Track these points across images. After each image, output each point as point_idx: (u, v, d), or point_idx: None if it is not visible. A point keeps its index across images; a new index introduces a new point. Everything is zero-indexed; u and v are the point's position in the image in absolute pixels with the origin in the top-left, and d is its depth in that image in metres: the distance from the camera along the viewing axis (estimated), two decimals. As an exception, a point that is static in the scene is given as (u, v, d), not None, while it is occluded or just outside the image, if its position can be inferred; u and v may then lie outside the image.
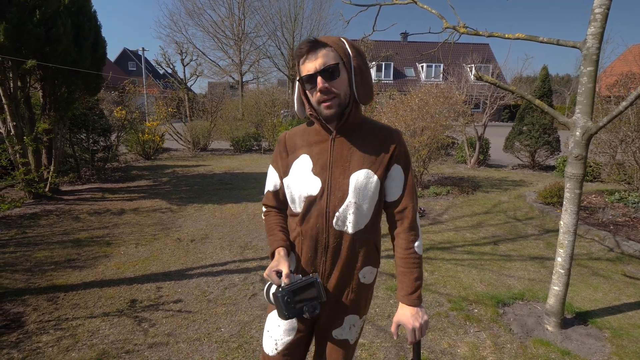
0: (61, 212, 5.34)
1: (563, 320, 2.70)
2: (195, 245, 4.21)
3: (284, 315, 1.14)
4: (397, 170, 1.27)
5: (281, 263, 1.19)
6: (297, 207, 1.28)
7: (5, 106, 5.34)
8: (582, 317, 2.85)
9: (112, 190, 6.77)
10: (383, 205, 1.32)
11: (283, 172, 1.32)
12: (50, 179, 5.98)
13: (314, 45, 1.16)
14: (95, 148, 7.83)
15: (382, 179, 1.25)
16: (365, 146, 1.24)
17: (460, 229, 4.94)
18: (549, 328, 2.69)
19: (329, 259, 1.26)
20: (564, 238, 2.60)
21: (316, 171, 1.24)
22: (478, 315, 2.87)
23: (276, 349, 1.32)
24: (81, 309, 2.86)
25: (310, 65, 1.15)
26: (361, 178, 1.21)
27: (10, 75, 5.32)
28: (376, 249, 1.32)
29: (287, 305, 1.12)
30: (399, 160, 1.27)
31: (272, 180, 1.38)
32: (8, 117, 5.39)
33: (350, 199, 1.21)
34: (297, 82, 1.26)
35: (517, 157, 9.79)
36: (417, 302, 1.22)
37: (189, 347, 2.44)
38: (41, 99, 6.02)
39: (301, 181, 1.25)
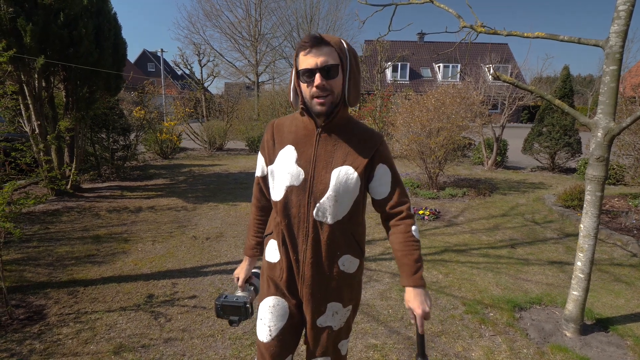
0: (82, 209, 5.49)
1: (582, 326, 2.63)
2: (210, 243, 4.27)
3: (216, 316, 1.50)
4: (382, 169, 1.33)
5: (242, 272, 1.51)
6: (278, 195, 1.33)
7: (30, 105, 5.52)
8: (603, 324, 2.76)
9: (131, 189, 6.92)
10: (376, 204, 1.39)
11: (269, 160, 1.38)
12: (71, 176, 6.15)
13: (318, 42, 1.19)
14: (115, 147, 8.02)
15: (363, 176, 1.30)
16: (349, 144, 1.30)
17: (476, 231, 4.86)
18: (568, 334, 2.62)
19: (309, 247, 1.31)
20: (584, 242, 2.53)
21: (300, 163, 1.29)
22: (493, 319, 2.82)
23: (270, 335, 1.39)
24: (100, 303, 2.94)
25: (311, 60, 1.19)
26: (342, 173, 1.27)
27: (35, 75, 5.50)
28: (355, 241, 1.37)
29: (218, 312, 1.47)
30: (382, 161, 1.33)
31: (260, 166, 1.46)
32: (33, 116, 5.57)
33: (331, 192, 1.26)
34: (292, 73, 1.29)
35: (536, 159, 9.57)
36: (421, 283, 1.27)
37: (203, 343, 2.47)
38: (64, 99, 6.21)
39: (285, 171, 1.30)
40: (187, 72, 18.88)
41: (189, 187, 7.16)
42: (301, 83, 1.24)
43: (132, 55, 44.94)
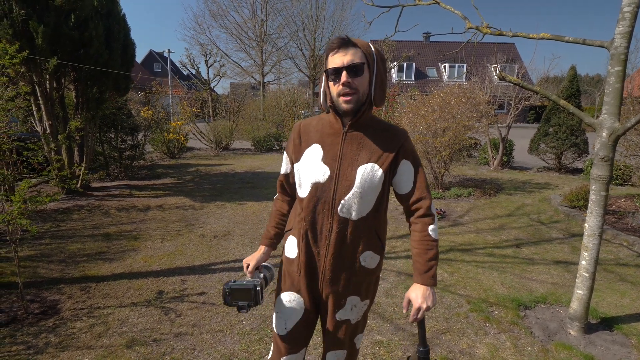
0: (92, 207, 5.59)
1: (587, 325, 2.65)
2: (218, 242, 4.33)
3: (223, 303, 1.40)
4: (406, 166, 1.36)
5: (253, 259, 1.48)
6: (304, 192, 1.37)
7: (42, 106, 5.63)
8: (608, 323, 2.78)
9: (139, 188, 7.01)
10: (398, 198, 1.42)
11: (295, 158, 1.42)
12: (81, 175, 6.26)
13: (346, 43, 1.25)
14: (123, 146, 8.12)
15: (388, 173, 1.33)
16: (374, 142, 1.33)
17: (482, 231, 4.87)
18: (572, 332, 2.64)
19: (332, 242, 1.34)
20: (588, 241, 2.55)
21: (326, 161, 1.33)
22: (498, 317, 2.85)
23: (286, 329, 1.45)
24: (111, 299, 3.01)
25: (338, 60, 1.24)
26: (367, 170, 1.30)
27: (47, 76, 5.60)
28: (377, 237, 1.39)
29: (225, 298, 1.36)
30: (406, 156, 1.35)
31: (284, 165, 1.50)
32: (44, 116, 5.68)
33: (356, 189, 1.29)
34: (322, 77, 1.35)
35: (543, 160, 9.54)
36: (430, 282, 1.31)
37: (213, 338, 2.53)
38: (74, 99, 6.31)
39: (311, 168, 1.34)
40: (194, 72, 19.01)
41: (196, 187, 7.24)
42: (329, 82, 1.30)
43: (139, 56, 45.33)
